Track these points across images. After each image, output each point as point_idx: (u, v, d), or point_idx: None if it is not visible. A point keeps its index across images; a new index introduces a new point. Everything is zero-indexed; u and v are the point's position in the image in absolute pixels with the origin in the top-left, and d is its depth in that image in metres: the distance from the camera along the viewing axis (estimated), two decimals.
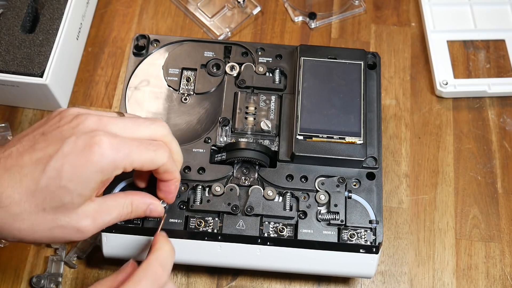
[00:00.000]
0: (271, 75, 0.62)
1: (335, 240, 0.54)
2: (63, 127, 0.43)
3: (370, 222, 0.55)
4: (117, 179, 0.55)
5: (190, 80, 0.62)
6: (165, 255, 0.46)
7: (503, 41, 0.74)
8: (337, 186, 0.56)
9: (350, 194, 0.56)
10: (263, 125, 0.58)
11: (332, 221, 0.55)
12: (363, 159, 0.56)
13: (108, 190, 0.55)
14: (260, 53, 0.63)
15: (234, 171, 0.57)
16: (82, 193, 0.42)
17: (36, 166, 0.41)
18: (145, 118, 0.48)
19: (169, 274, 0.45)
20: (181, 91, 0.61)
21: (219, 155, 0.57)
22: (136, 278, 0.43)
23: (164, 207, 0.51)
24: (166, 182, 0.49)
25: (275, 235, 0.54)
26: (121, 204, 0.47)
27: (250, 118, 0.59)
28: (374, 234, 0.55)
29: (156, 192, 0.51)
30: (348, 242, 0.54)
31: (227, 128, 0.59)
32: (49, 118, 0.45)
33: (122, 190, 0.55)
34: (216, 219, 0.55)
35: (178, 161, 0.50)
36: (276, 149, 0.58)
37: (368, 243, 0.54)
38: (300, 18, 0.76)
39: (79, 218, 0.43)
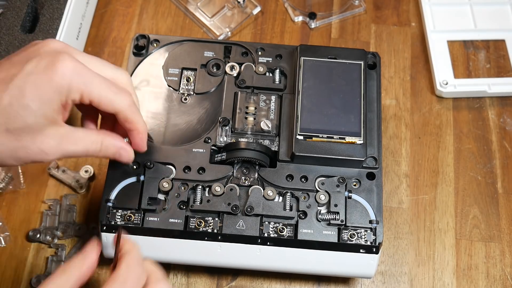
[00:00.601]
0: (271, 75, 0.62)
1: (335, 240, 0.54)
2: (28, 50, 0.44)
3: (370, 222, 0.55)
4: (123, 175, 0.55)
5: (190, 80, 0.62)
6: (139, 254, 0.45)
7: (503, 41, 0.74)
8: (337, 186, 0.56)
9: (350, 194, 0.56)
10: (263, 125, 0.58)
11: (332, 221, 0.55)
12: (363, 159, 0.56)
13: (115, 183, 0.55)
14: (260, 53, 0.63)
15: (234, 171, 0.57)
16: (45, 113, 0.42)
17: (0, 86, 0.41)
18: (111, 64, 0.48)
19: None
20: (181, 91, 0.61)
21: (219, 155, 0.57)
22: (121, 279, 0.42)
23: (120, 225, 0.50)
24: (131, 132, 0.49)
25: (275, 235, 0.54)
26: (91, 139, 0.46)
27: (250, 118, 0.59)
28: (374, 234, 0.55)
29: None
30: (348, 242, 0.54)
31: (227, 128, 0.59)
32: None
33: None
34: (216, 219, 0.55)
35: (138, 115, 0.49)
36: (276, 149, 0.58)
37: (368, 243, 0.54)
38: (300, 18, 0.76)
39: (43, 138, 0.43)
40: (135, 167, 0.57)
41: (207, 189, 0.56)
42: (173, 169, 0.56)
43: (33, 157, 0.44)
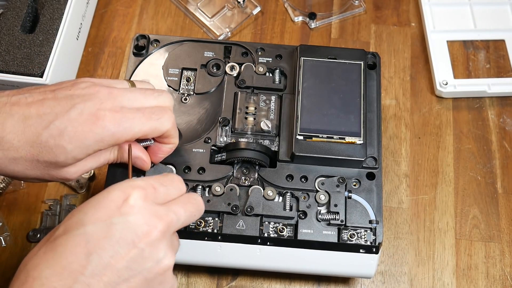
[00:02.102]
0: (271, 75, 0.62)
1: (335, 240, 0.54)
2: (74, 92, 0.46)
3: (370, 222, 0.55)
4: (123, 175, 0.55)
5: (190, 80, 0.62)
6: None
7: (503, 41, 0.74)
8: (337, 186, 0.56)
9: (350, 194, 0.56)
10: (263, 125, 0.59)
11: (332, 221, 0.55)
12: (363, 159, 0.56)
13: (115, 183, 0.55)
14: (260, 53, 0.63)
15: (234, 171, 0.57)
16: (77, 156, 0.45)
17: (41, 121, 0.44)
18: (153, 90, 0.50)
19: None
20: (181, 91, 0.61)
21: (219, 155, 0.57)
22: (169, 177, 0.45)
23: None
24: (164, 145, 0.51)
25: (275, 235, 0.54)
26: (108, 150, 0.49)
27: (250, 118, 0.59)
28: (374, 234, 0.55)
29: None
30: (348, 242, 0.54)
31: (227, 128, 0.59)
32: (63, 82, 0.47)
33: None
34: (216, 219, 0.55)
35: (177, 131, 0.52)
36: (276, 149, 0.58)
37: (368, 243, 0.54)
38: (300, 18, 0.76)
39: (67, 169, 0.46)
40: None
41: (207, 189, 0.56)
42: (173, 169, 0.56)
43: (54, 180, 0.48)
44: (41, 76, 0.62)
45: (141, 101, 0.48)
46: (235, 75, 0.62)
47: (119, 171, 0.56)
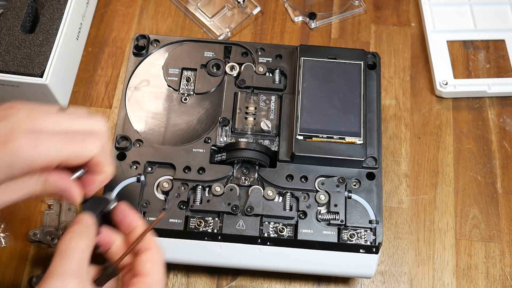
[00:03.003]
0: (271, 75, 0.62)
1: (335, 240, 0.54)
2: None
3: (370, 222, 0.55)
4: (123, 175, 0.55)
5: (190, 80, 0.62)
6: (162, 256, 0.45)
7: (503, 41, 0.74)
8: (337, 186, 0.56)
9: (350, 194, 0.56)
10: (263, 125, 0.59)
11: (332, 221, 0.55)
12: (363, 159, 0.56)
13: (115, 183, 0.55)
14: (260, 53, 0.63)
15: (234, 171, 0.57)
16: None
17: None
18: (83, 114, 0.44)
19: None
20: (181, 91, 0.61)
21: (219, 155, 0.57)
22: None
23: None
24: (96, 175, 0.44)
25: (275, 235, 0.54)
26: (33, 181, 0.43)
27: (250, 118, 0.59)
28: (374, 234, 0.55)
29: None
30: (348, 242, 0.54)
31: (227, 128, 0.59)
32: None
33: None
34: (216, 219, 0.55)
35: (110, 158, 0.45)
36: (276, 149, 0.58)
37: (368, 243, 0.54)
38: (300, 18, 0.76)
39: None
40: (135, 167, 0.57)
41: (207, 189, 0.56)
42: (113, 195, 0.56)
43: None
44: (41, 76, 0.62)
45: (65, 124, 0.42)
46: (235, 75, 0.62)
47: (118, 172, 0.56)
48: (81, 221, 0.44)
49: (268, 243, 0.54)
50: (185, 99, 0.61)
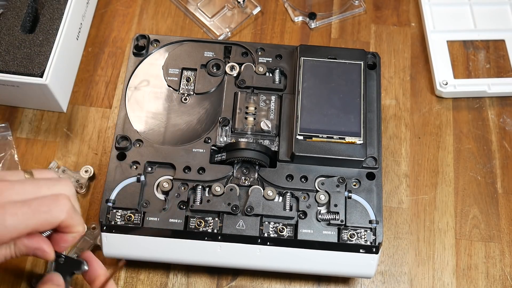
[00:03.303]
0: (271, 75, 0.62)
1: (335, 240, 0.54)
2: None
3: (370, 222, 0.55)
4: (122, 175, 0.55)
5: (190, 80, 0.62)
6: None
7: (503, 41, 0.74)
8: (337, 186, 0.56)
9: (350, 194, 0.56)
10: (263, 125, 0.59)
11: (332, 221, 0.55)
12: (363, 159, 0.56)
13: (115, 183, 0.55)
14: (260, 53, 0.63)
15: (234, 171, 0.57)
16: None
17: None
18: (50, 179, 0.45)
19: None
20: (181, 91, 0.61)
21: (219, 155, 0.57)
22: None
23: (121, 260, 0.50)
24: (68, 235, 0.45)
25: (275, 235, 0.54)
26: (3, 247, 0.44)
27: (250, 118, 0.59)
28: (374, 234, 0.55)
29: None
30: (348, 242, 0.54)
31: (227, 128, 0.59)
32: None
33: None
34: (216, 219, 0.55)
35: (79, 218, 0.46)
36: (276, 149, 0.58)
37: (368, 243, 0.54)
38: (300, 18, 0.76)
39: None
40: (135, 167, 0.57)
41: (207, 189, 0.56)
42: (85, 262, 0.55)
43: None
44: (41, 76, 0.62)
45: (32, 192, 0.43)
46: (235, 75, 0.62)
47: (118, 172, 0.56)
48: (51, 281, 0.46)
49: (268, 243, 0.54)
50: (185, 99, 0.61)
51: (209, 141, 0.58)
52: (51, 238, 0.46)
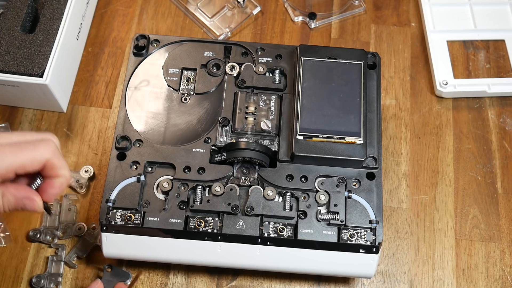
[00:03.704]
0: (271, 75, 0.62)
1: (335, 240, 0.54)
2: None
3: (370, 222, 0.55)
4: (122, 175, 0.55)
5: (190, 80, 0.62)
6: None
7: (503, 41, 0.74)
8: (337, 186, 0.56)
9: (350, 194, 0.56)
10: (263, 125, 0.59)
11: (332, 221, 0.55)
12: (363, 159, 0.56)
13: (115, 183, 0.55)
14: (260, 53, 0.63)
15: (234, 171, 0.57)
16: None
17: None
18: (34, 132, 0.46)
19: None
20: (181, 91, 0.61)
21: (219, 155, 0.57)
22: None
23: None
24: (54, 179, 0.45)
25: (275, 235, 0.54)
26: None
27: (250, 118, 0.59)
28: (374, 234, 0.55)
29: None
30: (348, 242, 0.54)
31: (227, 128, 0.59)
32: None
33: None
34: (216, 219, 0.55)
35: (64, 160, 0.46)
36: (276, 149, 0.58)
37: (368, 243, 0.54)
38: (300, 18, 0.76)
39: None
40: (135, 167, 0.57)
41: (207, 189, 0.56)
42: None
43: None
44: (41, 76, 0.62)
45: (17, 137, 0.44)
46: (235, 75, 0.62)
47: (118, 172, 0.56)
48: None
49: (268, 243, 0.54)
50: (185, 99, 0.61)
51: (209, 141, 0.58)
52: (38, 190, 0.46)
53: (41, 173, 0.45)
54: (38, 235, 0.61)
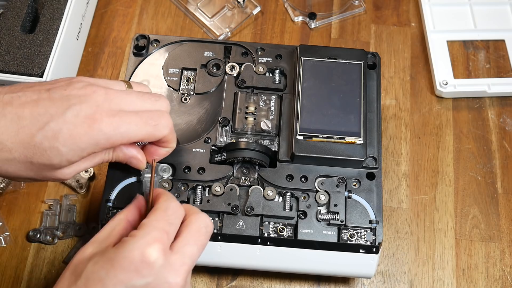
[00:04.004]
0: (271, 75, 0.62)
1: (335, 240, 0.54)
2: (70, 92, 0.44)
3: (370, 222, 0.55)
4: (123, 175, 0.55)
5: (190, 80, 0.62)
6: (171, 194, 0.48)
7: (503, 41, 0.74)
8: (337, 186, 0.56)
9: (350, 194, 0.56)
10: (263, 125, 0.59)
11: (332, 221, 0.55)
12: (363, 159, 0.56)
13: (115, 183, 0.55)
14: (260, 53, 0.63)
15: (234, 171, 0.57)
16: (71, 159, 0.44)
17: (36, 122, 0.42)
18: (151, 94, 0.49)
19: None
20: (181, 91, 0.61)
21: (219, 155, 0.57)
22: (162, 207, 0.44)
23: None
24: (162, 148, 0.50)
25: (275, 235, 0.54)
26: (103, 151, 0.48)
27: (250, 118, 0.59)
28: (374, 234, 0.55)
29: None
30: (348, 242, 0.54)
31: (227, 128, 0.59)
32: (58, 81, 0.46)
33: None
34: (216, 219, 0.55)
35: (175, 135, 0.51)
36: (276, 149, 0.58)
37: (368, 243, 0.54)
38: (300, 18, 0.76)
39: (61, 171, 0.45)
40: None
41: (207, 189, 0.56)
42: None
43: (48, 180, 0.47)
44: (41, 76, 0.62)
45: (139, 104, 0.46)
46: (235, 75, 0.62)
47: (118, 172, 0.56)
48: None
49: (268, 243, 0.54)
50: (185, 99, 0.61)
51: (209, 141, 0.58)
52: (144, 149, 0.50)
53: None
54: (38, 235, 0.61)
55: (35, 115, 0.42)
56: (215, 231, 0.54)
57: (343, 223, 0.55)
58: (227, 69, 0.62)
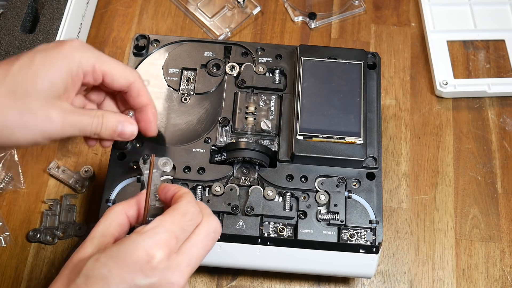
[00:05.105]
0: (271, 75, 0.62)
1: (335, 240, 0.54)
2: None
3: (370, 222, 0.55)
4: (123, 175, 0.55)
5: (190, 80, 0.62)
6: (193, 196, 0.47)
7: (503, 41, 0.74)
8: (337, 186, 0.56)
9: (350, 194, 0.56)
10: (263, 125, 0.59)
11: (332, 221, 0.55)
12: (363, 159, 0.56)
13: (115, 183, 0.55)
14: (260, 53, 0.63)
15: (234, 171, 0.57)
16: (53, 81, 0.44)
17: (10, 60, 0.44)
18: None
19: None
20: (181, 91, 0.61)
21: (219, 155, 0.57)
22: (181, 210, 0.43)
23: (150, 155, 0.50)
24: (142, 110, 0.50)
25: (275, 235, 0.54)
26: (92, 113, 0.48)
27: (250, 118, 0.59)
28: (374, 234, 0.55)
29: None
30: (348, 242, 0.54)
31: (227, 128, 0.59)
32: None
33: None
34: None
35: (148, 90, 0.51)
36: (276, 149, 0.58)
37: (368, 243, 0.54)
38: (300, 18, 0.76)
39: (49, 106, 0.44)
40: (134, 166, 0.57)
41: (207, 189, 0.56)
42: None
43: (40, 125, 0.44)
44: None
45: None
46: (235, 75, 0.62)
47: (118, 172, 0.56)
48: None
49: (268, 243, 0.54)
50: (185, 99, 0.61)
51: (209, 141, 0.58)
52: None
53: (131, 105, 0.51)
54: (38, 235, 0.61)
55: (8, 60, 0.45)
56: None
57: (343, 223, 0.55)
58: (227, 69, 0.62)
